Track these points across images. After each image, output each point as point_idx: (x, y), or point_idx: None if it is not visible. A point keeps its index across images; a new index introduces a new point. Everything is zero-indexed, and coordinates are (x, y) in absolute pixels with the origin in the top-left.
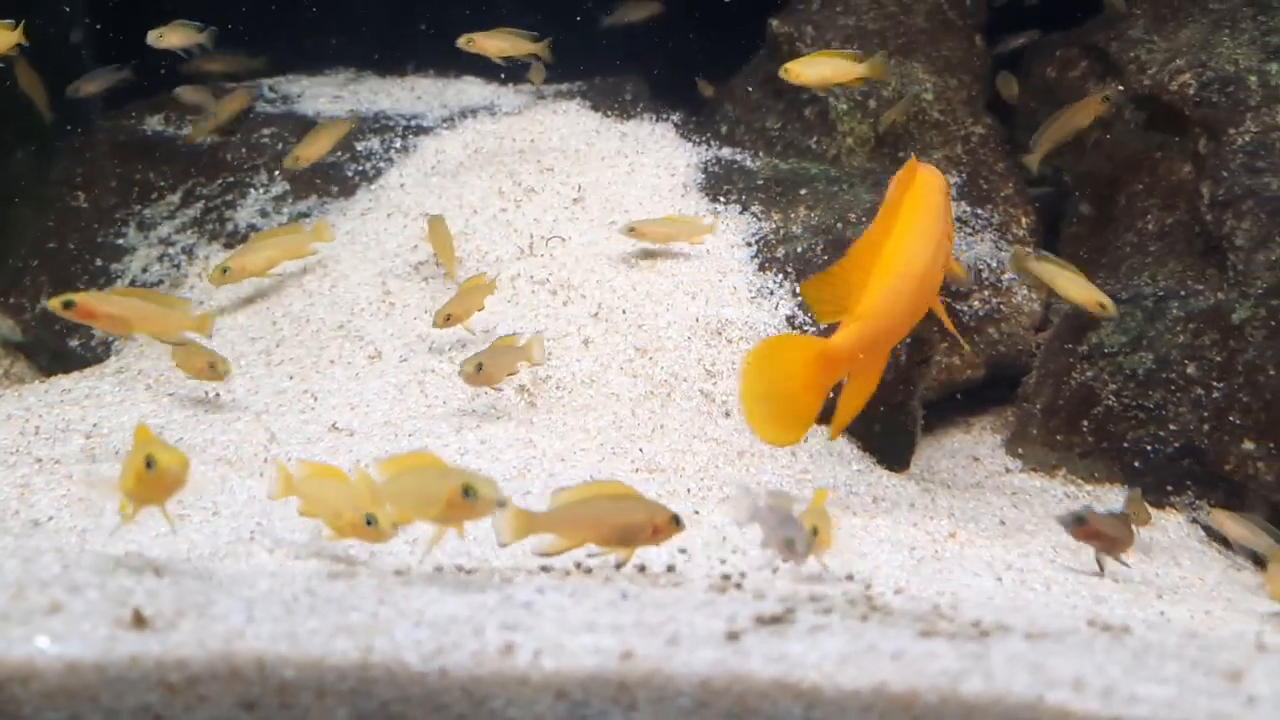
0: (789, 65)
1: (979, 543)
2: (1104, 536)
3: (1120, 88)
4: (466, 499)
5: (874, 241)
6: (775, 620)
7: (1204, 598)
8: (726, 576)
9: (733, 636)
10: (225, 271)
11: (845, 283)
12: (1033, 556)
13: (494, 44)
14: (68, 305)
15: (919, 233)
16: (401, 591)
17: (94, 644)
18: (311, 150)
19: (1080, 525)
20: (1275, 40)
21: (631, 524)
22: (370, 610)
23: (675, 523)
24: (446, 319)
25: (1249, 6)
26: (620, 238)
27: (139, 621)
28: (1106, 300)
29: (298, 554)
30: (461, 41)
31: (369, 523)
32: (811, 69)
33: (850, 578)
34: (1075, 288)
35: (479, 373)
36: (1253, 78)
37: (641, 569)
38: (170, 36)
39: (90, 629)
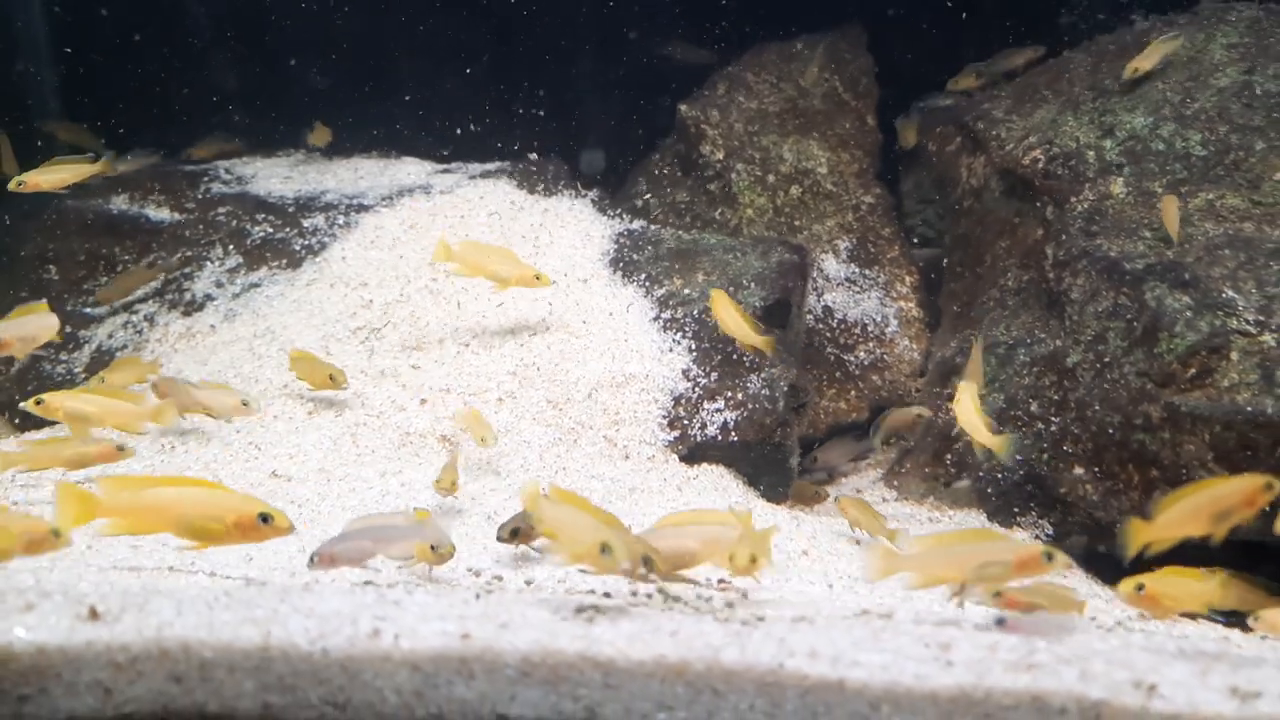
0: None
1: (827, 559)
2: None
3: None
4: None
5: None
6: (594, 609)
7: None
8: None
9: (551, 623)
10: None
11: None
12: None
13: (49, 179)
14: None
15: None
16: (300, 595)
17: (58, 633)
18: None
19: None
20: (1109, 120)
21: None
22: (272, 607)
23: None
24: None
25: (1090, 91)
26: (537, 303)
27: (94, 615)
28: None
29: (229, 575)
30: (12, 185)
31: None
32: None
33: (697, 583)
34: None
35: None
36: (1091, 153)
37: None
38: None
39: (56, 622)
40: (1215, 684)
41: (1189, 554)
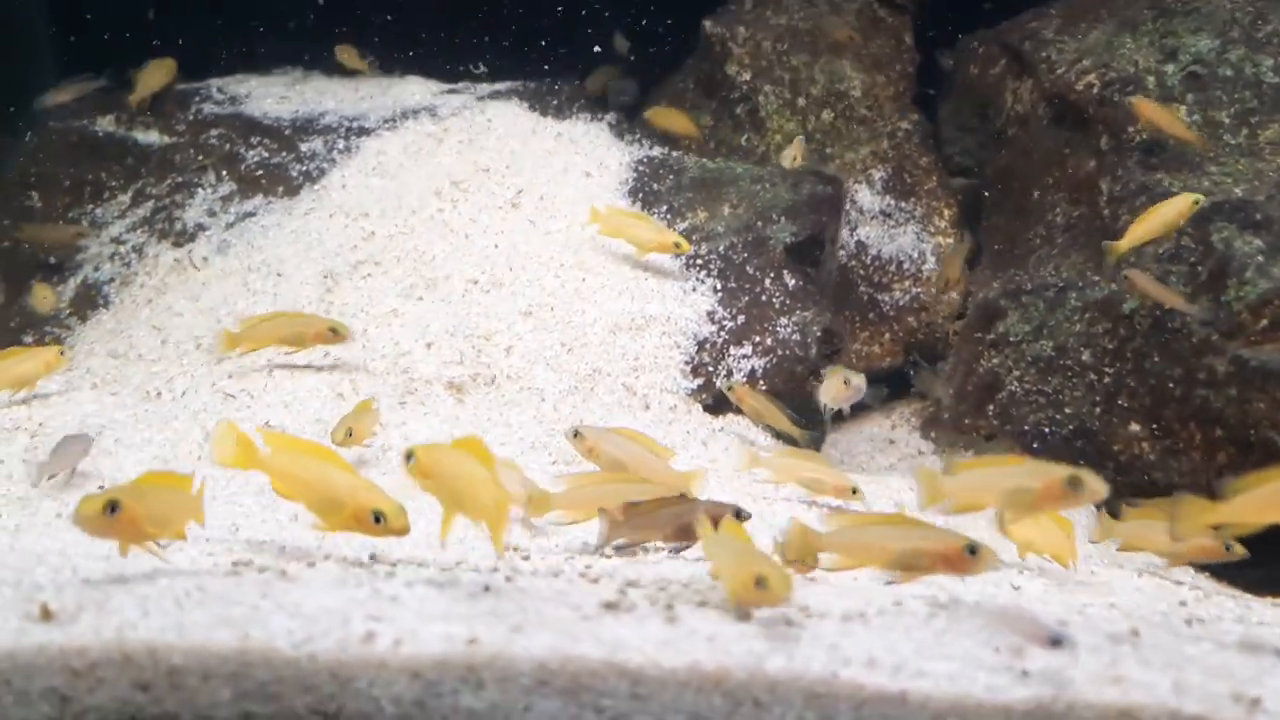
0: None
1: None
2: None
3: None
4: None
5: None
6: (615, 606)
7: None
8: (586, 572)
9: (570, 623)
10: None
11: None
12: None
13: None
14: None
15: None
16: (282, 587)
17: (5, 635)
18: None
19: None
20: (1172, 43)
21: None
22: (251, 604)
23: None
24: (348, 434)
25: (1150, 9)
26: (551, 236)
27: (46, 615)
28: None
29: (211, 551)
30: None
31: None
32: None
33: None
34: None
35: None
36: (1150, 78)
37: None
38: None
39: (2, 622)
40: None
41: None
